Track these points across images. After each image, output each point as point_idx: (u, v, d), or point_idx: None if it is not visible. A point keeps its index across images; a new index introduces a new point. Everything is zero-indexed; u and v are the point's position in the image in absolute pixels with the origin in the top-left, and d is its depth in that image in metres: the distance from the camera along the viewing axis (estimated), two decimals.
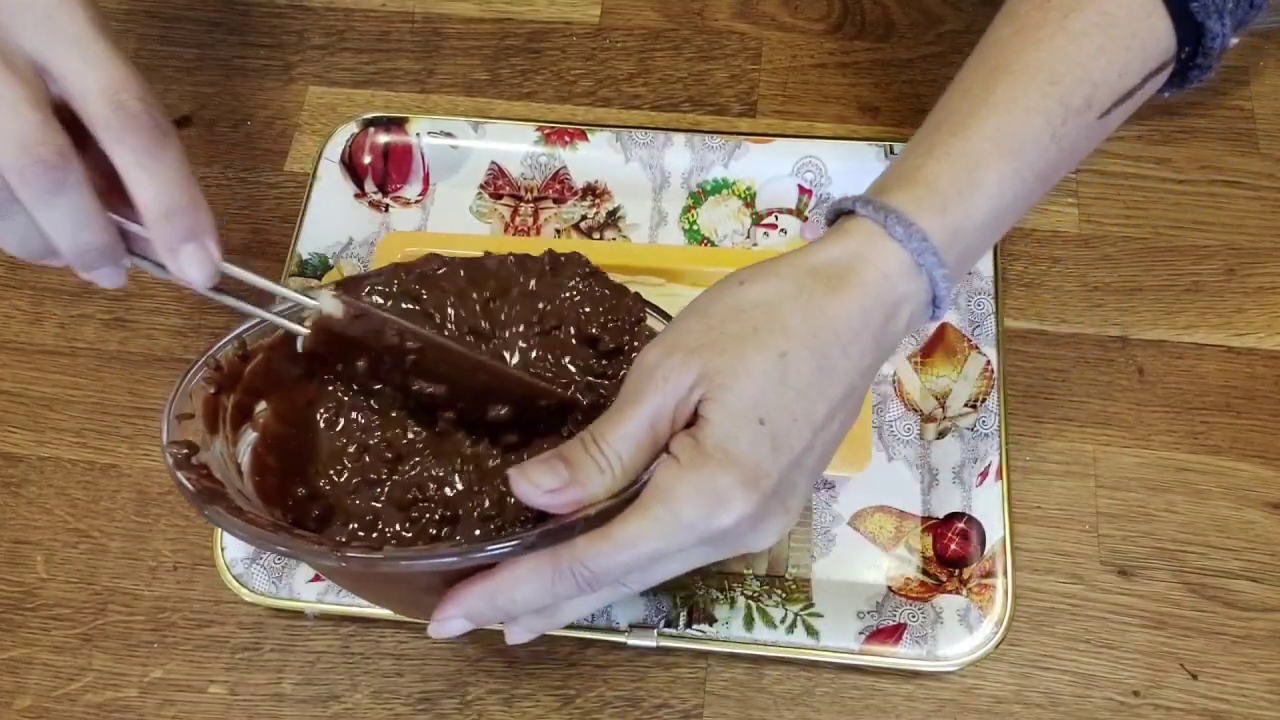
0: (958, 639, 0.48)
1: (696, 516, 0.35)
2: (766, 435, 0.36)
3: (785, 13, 0.68)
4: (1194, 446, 0.54)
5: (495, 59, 0.67)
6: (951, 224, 0.39)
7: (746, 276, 0.39)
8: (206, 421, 0.42)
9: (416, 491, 0.42)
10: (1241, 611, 0.51)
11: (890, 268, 0.38)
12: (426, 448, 0.44)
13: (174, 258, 0.38)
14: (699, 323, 0.38)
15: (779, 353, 0.37)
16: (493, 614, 0.38)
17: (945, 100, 0.42)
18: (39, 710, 0.51)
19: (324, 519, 0.42)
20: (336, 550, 0.36)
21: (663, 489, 0.36)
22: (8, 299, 0.60)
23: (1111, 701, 0.49)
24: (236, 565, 0.51)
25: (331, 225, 0.59)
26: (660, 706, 0.49)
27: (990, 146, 0.39)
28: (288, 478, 0.43)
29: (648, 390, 0.36)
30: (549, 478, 0.36)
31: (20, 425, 0.57)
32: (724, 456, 0.35)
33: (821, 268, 0.38)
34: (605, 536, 0.36)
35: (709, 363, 0.36)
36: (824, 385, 0.37)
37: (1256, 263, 0.58)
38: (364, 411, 0.44)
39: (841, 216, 0.40)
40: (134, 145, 0.36)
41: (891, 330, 0.39)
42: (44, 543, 0.54)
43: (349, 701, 0.50)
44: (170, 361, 0.58)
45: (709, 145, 0.60)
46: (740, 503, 0.35)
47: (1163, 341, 0.57)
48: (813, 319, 0.37)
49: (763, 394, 0.36)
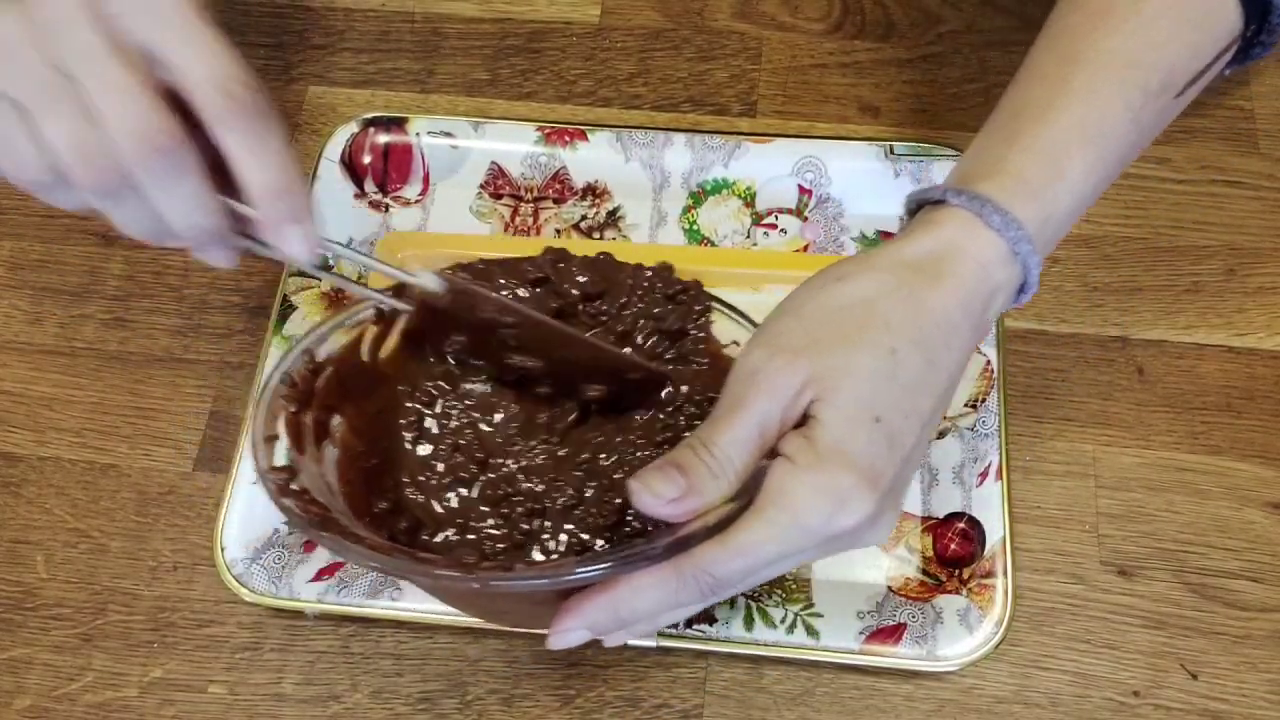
0: (958, 639, 0.48)
1: (818, 519, 0.35)
2: (882, 433, 0.36)
3: (785, 13, 0.68)
4: (1194, 446, 0.54)
5: (495, 59, 0.67)
6: (1042, 212, 0.39)
7: (843, 273, 0.39)
8: (293, 442, 0.41)
9: (506, 487, 0.42)
10: (1241, 611, 0.51)
11: (986, 257, 0.38)
12: (507, 444, 0.44)
13: (279, 237, 0.38)
14: (799, 323, 0.38)
15: (888, 349, 0.37)
16: (614, 624, 0.37)
17: (1019, 88, 0.42)
18: (39, 710, 0.51)
19: (413, 530, 0.42)
20: (471, 572, 0.35)
21: (781, 493, 0.35)
22: (8, 299, 0.60)
23: (1111, 701, 0.49)
24: (236, 565, 0.51)
25: (331, 225, 0.59)
26: (660, 706, 0.49)
27: (1074, 135, 0.40)
28: (371, 491, 0.42)
29: (754, 394, 0.36)
30: (669, 487, 0.35)
31: (20, 425, 0.57)
32: (841, 457, 0.35)
33: (918, 260, 0.38)
34: (727, 543, 0.35)
35: (816, 363, 0.36)
36: (930, 379, 0.38)
37: (1256, 263, 0.58)
38: (444, 414, 0.44)
39: (926, 207, 0.40)
40: (243, 131, 0.36)
41: (986, 319, 0.39)
42: (44, 543, 0.54)
43: (349, 701, 0.50)
44: (170, 361, 0.58)
45: (709, 145, 0.60)
46: (861, 503, 0.35)
47: (1163, 341, 0.57)
48: (916, 313, 0.37)
49: (875, 392, 0.36)
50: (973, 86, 0.64)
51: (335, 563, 0.51)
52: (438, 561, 0.37)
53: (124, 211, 0.37)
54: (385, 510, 0.42)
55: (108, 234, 0.62)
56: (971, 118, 0.63)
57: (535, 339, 0.43)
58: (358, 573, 0.50)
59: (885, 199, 0.59)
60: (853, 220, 0.59)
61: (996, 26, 0.66)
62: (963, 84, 0.64)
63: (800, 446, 0.36)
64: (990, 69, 0.65)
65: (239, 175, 0.37)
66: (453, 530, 0.42)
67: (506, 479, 0.43)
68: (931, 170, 0.59)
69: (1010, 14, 0.66)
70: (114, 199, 0.36)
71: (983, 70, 0.65)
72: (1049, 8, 0.44)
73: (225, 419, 0.56)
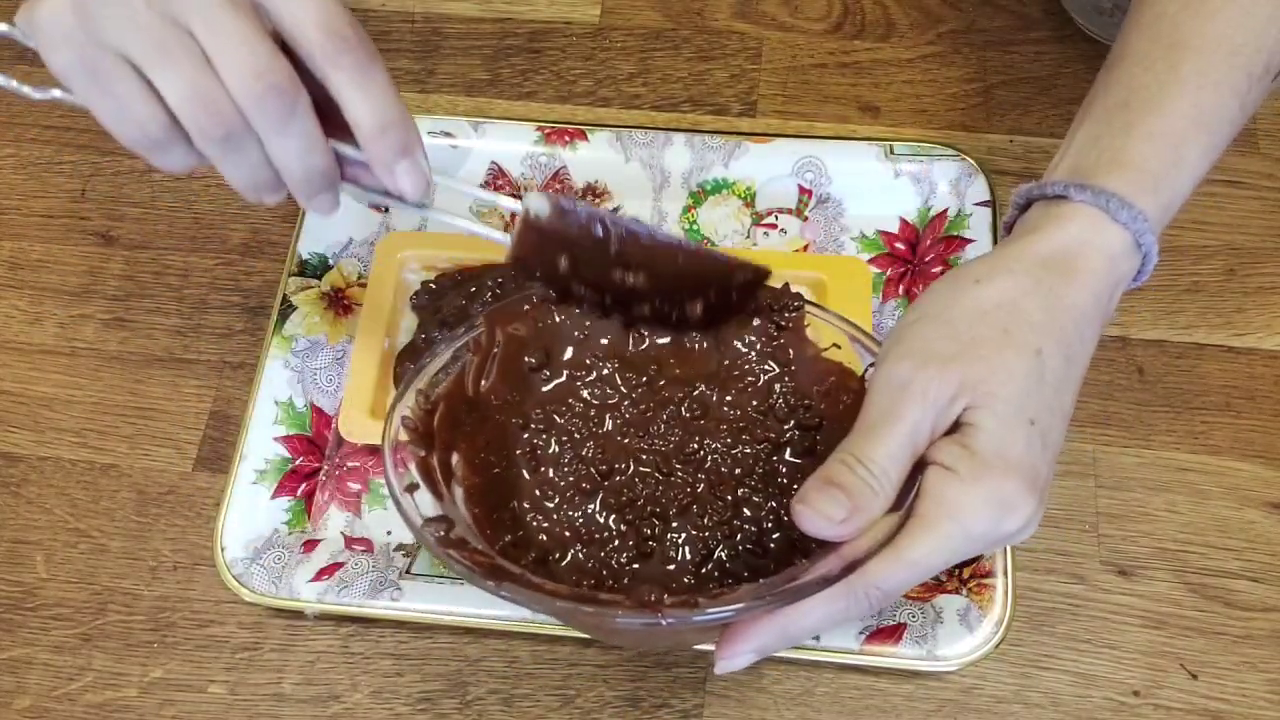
0: (958, 639, 0.48)
1: (986, 527, 0.36)
2: (1037, 435, 0.36)
3: (785, 13, 0.68)
4: (1194, 446, 0.54)
5: (495, 59, 0.67)
6: (1163, 202, 0.40)
7: (980, 274, 0.39)
8: (430, 487, 0.41)
9: (628, 493, 0.42)
10: (1241, 611, 0.51)
11: (1114, 250, 0.39)
12: (621, 437, 0.44)
13: (390, 173, 0.39)
14: (943, 330, 0.38)
15: (1034, 350, 0.37)
16: (782, 644, 0.37)
17: (1121, 76, 0.42)
18: (39, 710, 0.51)
19: (542, 559, 0.41)
20: (658, 613, 0.35)
21: (947, 503, 0.36)
22: (8, 299, 0.60)
23: (1111, 701, 0.49)
24: (236, 565, 0.51)
25: (331, 225, 0.59)
26: (660, 706, 0.49)
27: (1189, 124, 0.40)
28: (494, 525, 0.42)
29: (907, 405, 0.36)
30: (836, 509, 0.35)
31: (20, 425, 0.57)
32: (1004, 464, 0.36)
33: (1051, 258, 0.39)
34: (897, 558, 0.36)
35: (969, 371, 0.36)
36: (1070, 375, 0.38)
37: (1256, 263, 0.58)
38: (555, 426, 0.44)
39: (1043, 202, 0.41)
40: (349, 67, 0.37)
41: (1111, 309, 0.40)
42: (44, 543, 0.54)
43: (349, 701, 0.50)
44: (170, 361, 0.58)
45: (709, 145, 0.60)
46: (1026, 506, 0.36)
47: (1163, 341, 0.57)
48: (1055, 312, 0.38)
49: (1027, 395, 0.36)
50: (973, 86, 0.64)
51: (335, 563, 0.51)
52: (619, 602, 0.36)
53: (238, 160, 0.38)
54: (510, 543, 0.41)
55: (108, 234, 0.62)
56: (971, 118, 0.63)
57: (635, 250, 0.43)
58: (357, 572, 0.50)
59: (885, 199, 0.59)
60: (853, 220, 0.59)
61: (996, 26, 0.66)
62: (963, 84, 0.64)
63: (960, 456, 0.36)
64: (990, 69, 0.65)
65: (350, 113, 0.37)
66: (578, 546, 0.41)
67: (625, 484, 0.42)
68: (932, 170, 0.59)
69: (1010, 14, 0.66)
70: (231, 146, 0.37)
71: (983, 70, 0.65)
72: (1049, 7, 0.44)
73: (225, 419, 0.56)
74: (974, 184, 0.58)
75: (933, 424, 0.37)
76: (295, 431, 0.54)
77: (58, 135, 0.65)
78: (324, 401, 0.55)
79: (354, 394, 0.54)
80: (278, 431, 0.54)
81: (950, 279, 0.40)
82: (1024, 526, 0.36)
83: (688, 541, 0.42)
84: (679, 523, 0.42)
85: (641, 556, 0.41)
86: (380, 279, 0.57)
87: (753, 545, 0.41)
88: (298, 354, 0.56)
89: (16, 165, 0.64)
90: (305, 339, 0.56)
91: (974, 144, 0.62)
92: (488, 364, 0.44)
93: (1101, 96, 0.42)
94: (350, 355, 0.55)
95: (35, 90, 0.40)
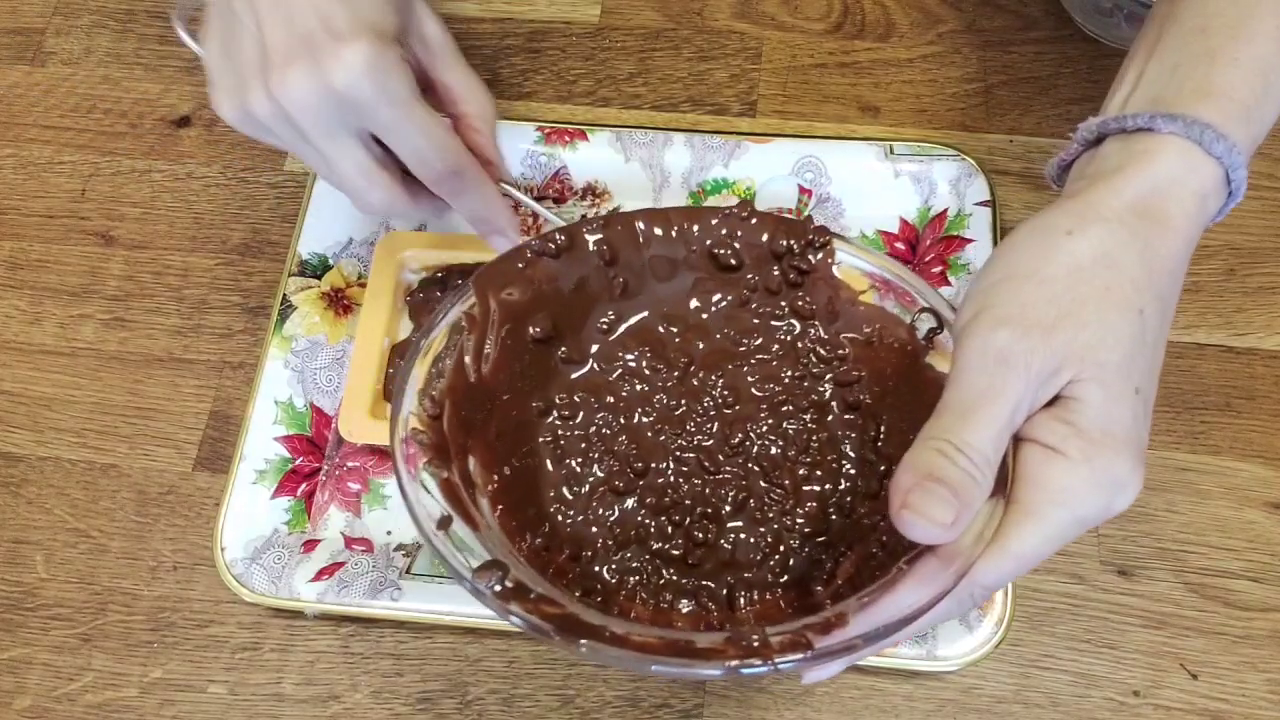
0: (958, 639, 0.48)
1: (1097, 510, 0.33)
2: (1142, 403, 0.34)
3: (785, 13, 0.68)
4: (1194, 446, 0.54)
5: (495, 59, 0.67)
6: (1254, 134, 0.37)
7: (1070, 225, 0.35)
8: (465, 519, 0.35)
9: (672, 494, 0.38)
10: (1241, 611, 0.51)
11: (1206, 187, 0.36)
12: (654, 426, 0.40)
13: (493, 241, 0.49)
14: (1040, 290, 0.34)
15: (1137, 310, 0.34)
16: (877, 650, 0.35)
17: (1195, 4, 0.39)
18: (39, 710, 0.51)
19: (574, 558, 0.38)
20: (768, 659, 0.31)
21: (1053, 489, 0.33)
22: (8, 299, 0.60)
23: (1111, 701, 0.49)
24: (236, 565, 0.51)
25: (331, 225, 0.59)
26: (660, 706, 0.49)
27: (1277, 49, 0.37)
28: (519, 526, 0.37)
29: (1009, 381, 0.33)
30: (945, 511, 0.32)
31: (20, 425, 0.57)
32: (1114, 441, 0.33)
33: (1143, 203, 0.35)
34: (1004, 552, 0.33)
35: (1074, 339, 0.33)
36: (1165, 329, 0.36)
37: (1256, 263, 0.58)
38: (581, 413, 0.40)
39: (1121, 137, 0.37)
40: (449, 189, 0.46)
41: (1194, 248, 0.37)
42: (44, 543, 0.54)
43: (349, 701, 0.50)
44: (170, 361, 0.58)
45: (709, 145, 0.60)
46: (1135, 484, 0.34)
47: None
48: (1152, 265, 0.35)
49: (1132, 361, 0.34)
50: (973, 86, 0.64)
51: (335, 563, 0.51)
52: (726, 653, 0.32)
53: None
54: (542, 546, 0.37)
55: (108, 234, 0.62)
56: (971, 118, 0.63)
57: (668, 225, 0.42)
58: (357, 572, 0.50)
59: (885, 199, 0.59)
60: (852, 220, 0.59)
61: (996, 26, 0.66)
62: (963, 84, 0.64)
63: (1066, 435, 0.33)
64: (990, 69, 0.65)
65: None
66: (614, 546, 0.37)
67: (666, 483, 0.38)
68: (932, 170, 0.59)
69: (1010, 14, 0.66)
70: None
71: (983, 70, 0.65)
72: (1049, 7, 0.44)
73: (225, 419, 0.56)
74: (974, 184, 0.58)
75: (1033, 399, 0.34)
76: (295, 431, 0.54)
77: (58, 135, 0.65)
78: (324, 402, 0.55)
79: (354, 394, 0.54)
80: (277, 431, 0.54)
81: (1035, 229, 0.36)
82: (1130, 501, 0.34)
83: (751, 537, 0.38)
84: (738, 521, 0.38)
85: (692, 557, 0.38)
86: (380, 279, 0.57)
87: (818, 529, 0.38)
88: (298, 354, 0.56)
89: (16, 165, 0.64)
90: (305, 339, 0.56)
91: (974, 144, 0.62)
92: (485, 340, 0.40)
93: (1170, 24, 0.39)
94: (350, 355, 0.55)
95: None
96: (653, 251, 0.42)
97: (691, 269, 0.43)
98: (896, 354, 0.39)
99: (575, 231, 0.41)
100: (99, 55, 0.68)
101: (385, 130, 0.43)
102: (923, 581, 0.33)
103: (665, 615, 0.37)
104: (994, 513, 0.33)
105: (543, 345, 0.40)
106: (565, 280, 0.42)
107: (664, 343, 0.42)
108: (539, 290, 0.41)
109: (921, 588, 0.33)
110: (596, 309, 0.42)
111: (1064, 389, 0.34)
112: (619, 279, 0.42)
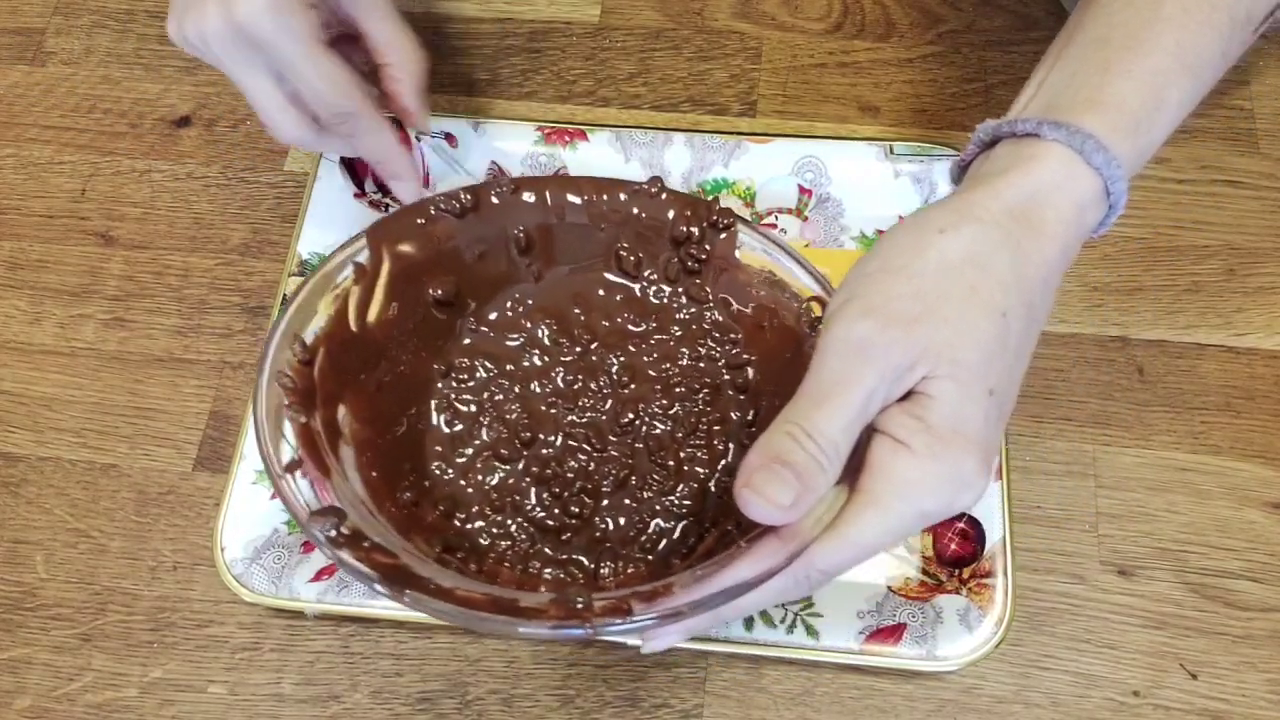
0: (958, 639, 0.48)
1: (939, 506, 0.34)
2: (995, 406, 0.34)
3: (785, 13, 0.68)
4: (1194, 446, 0.54)
5: (495, 59, 0.67)
6: (1140, 147, 0.37)
7: (945, 223, 0.35)
8: (315, 462, 0.35)
9: (555, 466, 0.39)
10: (1241, 611, 0.51)
11: (1085, 198, 0.36)
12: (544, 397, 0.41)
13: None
14: (906, 285, 0.34)
15: (1000, 313, 0.34)
16: (713, 626, 0.36)
17: (1100, 14, 0.39)
18: (39, 710, 0.51)
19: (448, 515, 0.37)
20: (587, 623, 0.32)
21: (898, 481, 0.33)
22: (8, 299, 0.60)
23: (1111, 701, 0.49)
24: (236, 565, 0.51)
25: (331, 225, 0.59)
26: (660, 706, 0.49)
27: (1172, 63, 0.37)
28: (391, 480, 0.37)
29: (865, 371, 0.33)
30: (785, 492, 0.32)
31: (20, 425, 0.57)
32: (962, 440, 0.33)
33: (1019, 207, 0.35)
34: (843, 539, 0.33)
35: (934, 335, 0.33)
36: (1031, 336, 0.36)
37: (1256, 263, 0.58)
38: (468, 377, 0.40)
39: (1012, 140, 0.37)
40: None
41: (1071, 261, 0.37)
42: (44, 543, 0.54)
43: (349, 701, 0.50)
44: (170, 361, 0.58)
45: (709, 145, 0.60)
46: (980, 483, 0.34)
47: (1163, 341, 0.57)
48: (1022, 269, 0.35)
49: (989, 363, 0.34)
50: (973, 86, 0.64)
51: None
52: (544, 609, 0.33)
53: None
54: (410, 501, 0.37)
55: (108, 234, 0.62)
56: (971, 118, 0.63)
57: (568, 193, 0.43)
58: None
59: (885, 199, 0.59)
60: (852, 220, 0.59)
61: (996, 26, 0.66)
62: (963, 84, 0.64)
63: (915, 430, 0.33)
64: (990, 69, 0.65)
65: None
66: (490, 511, 0.38)
67: (551, 455, 0.39)
68: (932, 170, 0.59)
69: (1010, 14, 0.66)
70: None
71: (983, 70, 0.65)
72: (1049, 7, 0.44)
73: (225, 419, 0.56)
74: None
75: (888, 391, 0.34)
76: None
77: (58, 135, 0.65)
78: None
79: None
80: None
81: (912, 225, 0.36)
82: (974, 500, 0.34)
83: (625, 516, 0.38)
84: (617, 498, 0.39)
85: (567, 530, 0.39)
86: None
87: (688, 510, 0.39)
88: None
89: (16, 165, 0.64)
90: None
91: None
92: (374, 292, 0.40)
93: (1077, 33, 0.40)
94: None
95: None
96: (566, 219, 0.43)
97: (598, 256, 0.44)
98: (786, 338, 0.39)
99: (481, 192, 0.41)
100: (99, 55, 0.68)
101: (285, 66, 0.46)
102: (758, 559, 0.34)
103: (531, 581, 0.38)
104: (837, 499, 0.33)
105: (445, 308, 0.41)
106: (469, 243, 0.41)
107: (567, 318, 0.42)
108: (439, 249, 0.41)
109: (755, 564, 0.33)
110: (502, 276, 0.42)
111: (919, 384, 0.34)
112: (527, 249, 0.42)
